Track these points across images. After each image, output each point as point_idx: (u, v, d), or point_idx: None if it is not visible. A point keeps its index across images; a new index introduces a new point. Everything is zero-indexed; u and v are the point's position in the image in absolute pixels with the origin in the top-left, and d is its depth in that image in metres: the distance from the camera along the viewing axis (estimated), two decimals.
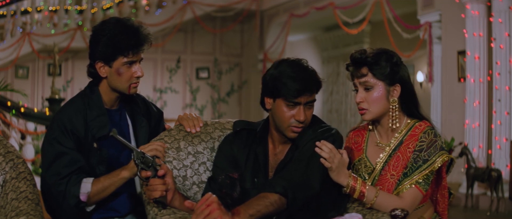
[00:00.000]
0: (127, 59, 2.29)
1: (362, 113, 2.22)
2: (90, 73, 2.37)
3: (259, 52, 12.31)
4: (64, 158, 2.24)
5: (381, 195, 2.12)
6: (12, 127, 6.59)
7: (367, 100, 2.19)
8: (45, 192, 2.26)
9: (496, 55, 6.83)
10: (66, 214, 2.23)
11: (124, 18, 2.34)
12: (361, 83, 2.20)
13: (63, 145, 2.26)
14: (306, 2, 10.86)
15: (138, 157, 2.02)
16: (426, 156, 2.15)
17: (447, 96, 8.01)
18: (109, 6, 11.55)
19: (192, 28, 12.41)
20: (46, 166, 2.27)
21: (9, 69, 11.09)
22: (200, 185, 2.33)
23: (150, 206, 2.08)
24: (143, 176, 2.03)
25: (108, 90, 2.36)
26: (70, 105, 2.37)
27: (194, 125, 2.43)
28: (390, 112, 2.22)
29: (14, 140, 6.58)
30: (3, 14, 11.25)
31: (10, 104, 6.57)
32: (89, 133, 2.30)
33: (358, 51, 2.22)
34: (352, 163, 2.31)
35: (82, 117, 2.31)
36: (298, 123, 2.16)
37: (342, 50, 12.42)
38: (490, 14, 6.97)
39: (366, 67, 2.18)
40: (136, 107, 2.48)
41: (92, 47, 2.32)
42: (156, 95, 12.33)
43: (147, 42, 2.33)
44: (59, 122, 2.30)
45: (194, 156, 2.35)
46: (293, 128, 2.17)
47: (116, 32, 2.27)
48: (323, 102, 12.98)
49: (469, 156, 6.64)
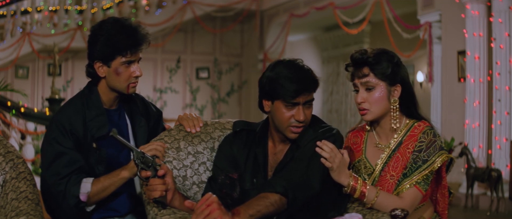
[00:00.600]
0: (126, 59, 2.29)
1: (363, 113, 2.22)
2: (89, 73, 2.37)
3: (259, 52, 12.32)
4: (64, 158, 2.24)
5: (382, 195, 2.12)
6: (12, 127, 6.59)
7: (368, 100, 2.19)
8: (44, 192, 2.26)
9: (496, 55, 6.83)
10: (66, 214, 2.23)
11: (122, 18, 2.34)
12: (362, 84, 2.19)
13: (62, 145, 2.26)
14: (306, 2, 10.86)
15: (138, 157, 2.02)
16: (425, 156, 2.15)
17: (447, 96, 8.01)
18: (109, 6, 11.55)
19: (192, 28, 12.41)
20: (45, 166, 2.27)
21: (9, 69, 11.09)
22: (200, 185, 2.33)
23: (150, 206, 2.08)
24: (143, 176, 2.03)
25: (107, 90, 2.36)
26: (68, 106, 2.37)
27: (194, 125, 2.43)
28: (391, 112, 2.22)
29: (14, 140, 6.58)
30: (3, 14, 11.26)
31: (10, 104, 6.57)
32: (88, 132, 2.30)
33: (358, 52, 2.22)
34: (351, 164, 2.31)
35: (81, 117, 2.31)
36: (298, 123, 2.16)
37: (342, 50, 12.42)
38: (490, 14, 6.97)
39: (367, 68, 2.18)
40: (135, 107, 2.48)
41: (91, 47, 2.32)
42: (156, 95, 12.33)
43: (146, 42, 2.33)
44: (58, 122, 2.30)
45: (194, 156, 2.35)
46: (293, 128, 2.17)
47: (114, 32, 2.27)
48: (323, 102, 12.97)
49: (469, 156, 6.64)
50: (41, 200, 2.15)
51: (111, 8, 11.53)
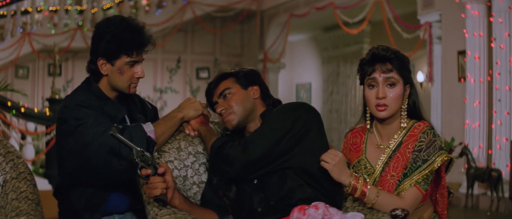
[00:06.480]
0: (130, 59, 2.29)
1: (382, 109, 2.19)
2: (90, 69, 2.36)
3: (259, 52, 12.32)
4: (97, 116, 2.21)
5: (382, 195, 2.12)
6: (12, 127, 6.59)
7: (388, 96, 2.19)
8: (92, 158, 2.17)
9: (496, 55, 6.84)
10: (121, 166, 2.16)
11: (129, 18, 2.34)
12: (386, 79, 2.18)
13: (85, 113, 2.21)
14: (306, 2, 10.86)
15: (137, 155, 2.02)
16: (425, 156, 2.15)
17: (447, 96, 8.02)
18: (109, 6, 11.55)
19: (192, 28, 12.42)
20: (81, 134, 2.17)
21: (9, 69, 11.09)
22: (200, 185, 2.34)
23: (151, 206, 2.08)
24: (143, 174, 2.03)
25: (108, 88, 2.36)
26: (75, 93, 2.36)
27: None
28: (401, 112, 2.22)
29: (14, 140, 6.59)
30: (3, 14, 11.26)
31: (10, 104, 6.58)
32: (106, 115, 2.29)
33: (381, 48, 2.22)
34: (351, 164, 2.31)
35: (94, 101, 2.30)
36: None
37: (342, 50, 12.42)
38: (490, 14, 6.98)
39: (389, 64, 2.19)
40: (133, 105, 2.48)
41: (95, 43, 2.31)
42: (156, 95, 12.33)
43: (151, 43, 2.34)
44: (70, 104, 2.26)
45: (195, 156, 2.36)
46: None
47: (121, 31, 2.26)
48: (323, 102, 12.96)
49: (469, 156, 6.65)
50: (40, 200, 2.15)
51: (111, 8, 11.53)
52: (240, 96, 2.24)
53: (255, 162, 2.09)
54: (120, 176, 2.20)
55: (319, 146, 2.16)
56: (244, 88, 2.27)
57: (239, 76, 2.29)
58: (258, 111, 2.27)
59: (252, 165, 2.09)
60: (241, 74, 2.29)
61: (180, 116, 2.33)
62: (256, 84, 2.30)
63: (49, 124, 6.85)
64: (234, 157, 2.09)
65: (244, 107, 2.23)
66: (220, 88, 2.27)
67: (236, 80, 2.28)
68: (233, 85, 2.26)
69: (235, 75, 2.29)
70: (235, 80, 2.28)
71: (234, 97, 2.24)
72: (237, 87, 2.26)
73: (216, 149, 2.15)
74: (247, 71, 2.32)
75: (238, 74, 2.30)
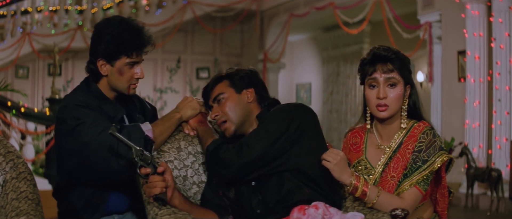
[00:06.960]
0: (130, 60, 2.29)
1: (383, 110, 2.19)
2: (89, 70, 2.36)
3: (259, 52, 12.32)
4: (96, 115, 2.22)
5: (383, 195, 2.12)
6: (12, 127, 6.60)
7: (389, 96, 2.19)
8: (91, 158, 2.17)
9: (496, 55, 6.84)
10: (120, 166, 2.15)
11: (128, 18, 2.34)
12: (387, 79, 2.19)
13: (83, 113, 2.21)
14: (306, 2, 10.86)
15: (137, 154, 2.02)
16: (425, 157, 2.15)
17: (447, 96, 8.02)
18: (109, 6, 11.55)
19: (192, 28, 12.42)
20: (80, 133, 2.18)
21: (9, 69, 11.09)
22: (200, 185, 2.33)
23: (150, 206, 2.08)
24: (143, 173, 2.03)
25: (107, 88, 2.36)
26: (74, 93, 2.36)
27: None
28: (401, 112, 2.22)
29: (14, 140, 6.59)
30: (3, 14, 11.26)
31: (10, 104, 6.58)
32: (105, 115, 2.29)
33: (382, 48, 2.23)
34: (351, 165, 2.31)
35: (92, 101, 2.30)
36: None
37: (342, 50, 12.42)
38: (490, 14, 6.98)
39: (390, 64, 2.19)
40: (132, 105, 2.48)
41: (94, 44, 2.31)
42: (156, 95, 12.33)
43: (151, 44, 2.34)
44: (70, 104, 2.27)
45: (195, 156, 2.36)
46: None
47: (121, 31, 2.26)
48: (323, 102, 12.96)
49: (469, 156, 6.65)
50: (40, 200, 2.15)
51: (111, 8, 11.53)
52: (234, 102, 2.24)
53: (250, 164, 2.09)
54: (120, 175, 2.20)
55: (316, 147, 2.16)
56: (238, 92, 2.26)
57: (234, 79, 2.28)
58: (253, 114, 2.27)
59: (247, 167, 2.09)
60: (236, 77, 2.28)
61: (178, 116, 2.33)
62: (252, 87, 2.29)
63: (49, 123, 6.85)
64: (229, 160, 2.09)
65: (238, 113, 2.23)
66: (215, 92, 2.27)
67: (230, 84, 2.27)
68: (226, 89, 2.26)
69: (230, 78, 2.28)
70: (229, 84, 2.27)
71: (227, 103, 2.23)
72: (230, 91, 2.25)
73: (211, 152, 2.15)
74: (243, 73, 2.31)
75: (233, 77, 2.28)
